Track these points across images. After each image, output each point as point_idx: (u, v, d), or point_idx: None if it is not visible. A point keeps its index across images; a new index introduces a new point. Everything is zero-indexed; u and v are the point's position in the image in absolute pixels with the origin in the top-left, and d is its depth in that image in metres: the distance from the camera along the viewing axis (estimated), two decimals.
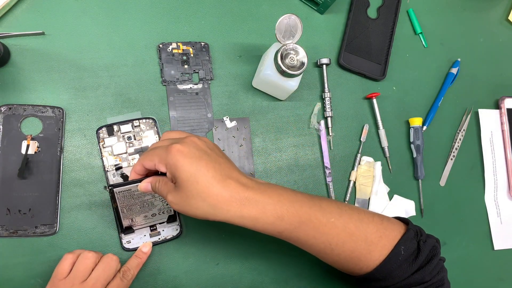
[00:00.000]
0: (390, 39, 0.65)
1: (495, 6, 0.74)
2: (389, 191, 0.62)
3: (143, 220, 0.51)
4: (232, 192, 0.39)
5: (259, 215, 0.40)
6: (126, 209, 0.49)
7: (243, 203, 0.39)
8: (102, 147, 0.52)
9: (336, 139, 0.62)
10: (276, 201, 0.40)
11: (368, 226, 0.44)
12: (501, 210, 0.68)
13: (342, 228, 0.43)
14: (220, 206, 0.39)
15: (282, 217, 0.40)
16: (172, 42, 0.56)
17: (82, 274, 0.45)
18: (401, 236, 0.44)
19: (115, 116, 0.53)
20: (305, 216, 0.41)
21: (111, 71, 0.54)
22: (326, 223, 0.42)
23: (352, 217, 0.44)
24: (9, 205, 0.48)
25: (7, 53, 0.50)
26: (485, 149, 0.68)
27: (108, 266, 0.46)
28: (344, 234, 0.43)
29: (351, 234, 0.43)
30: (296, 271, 0.57)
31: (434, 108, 0.66)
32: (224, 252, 0.55)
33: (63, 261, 0.45)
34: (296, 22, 0.50)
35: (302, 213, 0.41)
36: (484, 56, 0.72)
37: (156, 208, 0.51)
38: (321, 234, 0.42)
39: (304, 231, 0.42)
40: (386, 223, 0.45)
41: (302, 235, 0.42)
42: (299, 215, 0.41)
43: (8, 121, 0.50)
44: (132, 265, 0.49)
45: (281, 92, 0.57)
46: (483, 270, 0.65)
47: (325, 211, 0.43)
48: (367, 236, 0.43)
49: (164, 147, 0.40)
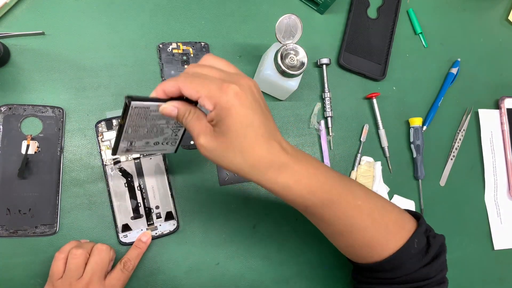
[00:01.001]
0: (390, 39, 0.65)
1: (495, 6, 0.74)
2: (389, 191, 0.62)
3: (142, 147, 0.46)
4: (273, 156, 0.37)
5: (293, 185, 0.38)
6: (132, 129, 0.42)
7: (280, 170, 0.37)
8: (100, 141, 0.52)
9: (336, 139, 0.62)
10: (312, 174, 0.39)
11: (390, 215, 0.43)
12: (501, 210, 0.68)
13: (367, 213, 0.42)
14: (258, 167, 0.36)
15: (314, 192, 0.39)
16: (172, 42, 0.56)
17: (76, 273, 0.44)
18: (415, 229, 0.44)
19: (114, 111, 0.53)
20: (336, 195, 0.40)
21: (111, 71, 0.54)
22: (354, 206, 0.41)
23: (377, 203, 0.43)
24: (9, 205, 0.48)
25: (7, 53, 0.50)
26: (485, 149, 0.68)
27: (100, 257, 0.46)
28: (368, 220, 0.42)
29: (374, 220, 0.42)
30: (296, 271, 0.57)
31: (434, 108, 0.66)
32: (224, 252, 0.55)
33: (55, 261, 0.45)
34: (296, 22, 0.50)
35: (334, 191, 0.40)
36: (484, 56, 0.72)
37: (162, 137, 0.45)
38: (346, 216, 0.41)
39: (331, 210, 0.40)
40: (403, 214, 0.45)
41: (327, 214, 0.41)
42: (331, 193, 0.40)
43: (8, 121, 0.50)
44: (132, 256, 0.49)
45: (281, 92, 0.57)
46: (483, 270, 0.65)
47: (354, 193, 0.42)
48: (388, 224, 0.43)
49: (217, 81, 0.35)
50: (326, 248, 0.49)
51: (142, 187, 0.52)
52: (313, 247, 0.57)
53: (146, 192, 0.52)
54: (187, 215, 0.54)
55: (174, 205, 0.53)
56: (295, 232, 0.57)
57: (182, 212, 0.54)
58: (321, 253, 0.58)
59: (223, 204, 0.56)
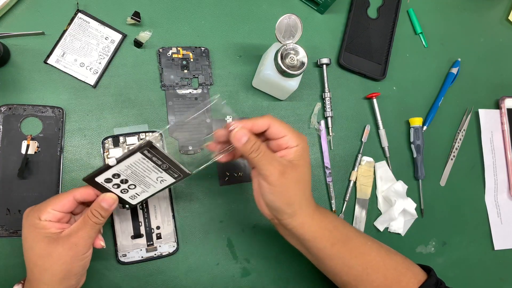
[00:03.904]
0: (390, 39, 0.65)
1: (495, 6, 0.74)
2: (415, 207, 0.61)
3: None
4: (305, 202, 0.43)
5: (305, 225, 0.43)
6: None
7: (304, 215, 0.43)
8: (106, 158, 0.52)
9: (336, 139, 0.62)
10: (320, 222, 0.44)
11: (396, 256, 0.46)
12: (501, 210, 0.68)
13: (376, 252, 0.45)
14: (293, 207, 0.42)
15: (330, 230, 0.43)
16: (172, 47, 0.56)
17: None
18: (427, 277, 0.45)
19: (122, 127, 0.53)
20: (350, 234, 0.45)
21: (111, 71, 0.54)
22: (365, 243, 0.45)
23: (381, 246, 0.46)
24: (9, 205, 0.48)
25: (7, 53, 0.50)
26: (485, 149, 0.68)
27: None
28: (379, 258, 0.44)
29: (383, 259, 0.44)
30: (296, 271, 0.57)
31: (434, 108, 0.66)
32: (224, 252, 0.55)
33: None
34: (296, 22, 0.50)
35: (346, 231, 0.45)
36: (484, 56, 0.72)
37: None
38: (361, 254, 0.44)
39: (348, 247, 0.44)
40: (409, 260, 0.47)
41: (344, 251, 0.44)
42: (345, 233, 0.44)
43: (8, 121, 0.50)
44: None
45: (281, 92, 0.57)
46: (483, 270, 0.65)
47: (361, 235, 0.46)
48: (397, 265, 0.45)
49: (294, 131, 0.42)
50: None
51: (144, 206, 0.52)
52: None
53: (148, 212, 0.52)
54: (187, 215, 0.54)
55: (175, 226, 0.53)
56: None
57: (182, 212, 0.54)
58: None
59: (223, 204, 0.56)
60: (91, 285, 0.50)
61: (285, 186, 0.40)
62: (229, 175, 0.56)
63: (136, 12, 0.53)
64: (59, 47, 0.53)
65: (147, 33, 0.54)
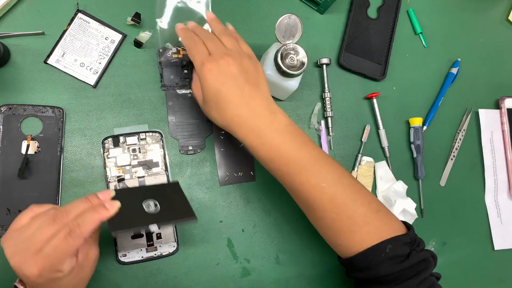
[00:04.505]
0: (390, 39, 0.65)
1: (495, 6, 0.74)
2: (415, 206, 0.60)
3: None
4: (244, 119, 0.45)
5: (256, 147, 0.45)
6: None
7: (251, 132, 0.45)
8: (106, 157, 0.52)
9: (336, 139, 0.62)
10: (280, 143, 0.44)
11: (358, 208, 0.44)
12: (501, 210, 0.68)
13: (328, 197, 0.43)
14: (231, 125, 0.46)
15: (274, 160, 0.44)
16: (172, 47, 0.56)
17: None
18: (394, 236, 0.43)
19: (122, 127, 0.53)
20: (301, 163, 0.44)
21: (111, 71, 0.54)
22: (314, 185, 0.43)
23: (345, 192, 0.44)
24: (9, 205, 0.48)
25: (7, 53, 0.50)
26: (485, 149, 0.68)
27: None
28: (328, 203, 0.43)
29: (336, 206, 0.43)
30: (296, 271, 0.57)
31: (434, 108, 0.66)
32: (224, 252, 0.55)
33: None
34: (296, 22, 0.50)
35: (302, 160, 0.44)
36: (484, 56, 0.72)
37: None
38: (306, 189, 0.44)
39: (296, 175, 0.44)
40: (382, 216, 0.44)
41: (293, 179, 0.44)
42: (297, 160, 0.44)
43: (8, 121, 0.50)
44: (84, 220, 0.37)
45: (281, 92, 0.57)
46: (483, 270, 0.65)
47: (320, 175, 0.44)
48: (353, 215, 0.43)
49: (203, 57, 0.45)
50: (327, 248, 0.49)
51: None
52: (313, 247, 0.57)
53: None
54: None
55: (175, 227, 0.53)
56: (295, 232, 0.57)
57: None
58: (321, 253, 0.58)
59: (223, 204, 0.56)
60: (91, 285, 0.49)
61: (201, 79, 0.44)
62: (229, 175, 0.56)
63: (136, 13, 0.54)
64: (59, 47, 0.53)
65: (147, 33, 0.54)
